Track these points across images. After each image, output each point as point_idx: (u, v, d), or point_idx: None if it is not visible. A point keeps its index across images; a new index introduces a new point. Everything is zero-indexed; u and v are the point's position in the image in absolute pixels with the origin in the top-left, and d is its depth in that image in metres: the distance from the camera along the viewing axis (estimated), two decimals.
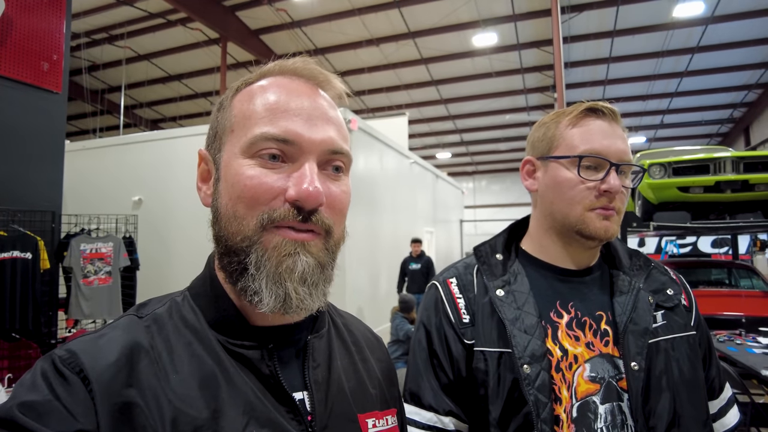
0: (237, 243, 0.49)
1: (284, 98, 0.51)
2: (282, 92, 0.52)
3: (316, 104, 0.52)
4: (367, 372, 0.62)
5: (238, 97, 0.54)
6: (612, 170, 0.77)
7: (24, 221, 3.02)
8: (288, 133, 0.49)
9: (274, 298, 0.48)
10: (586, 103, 0.82)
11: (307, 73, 0.55)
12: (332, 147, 0.51)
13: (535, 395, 0.72)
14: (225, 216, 0.51)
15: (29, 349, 2.96)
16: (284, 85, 0.53)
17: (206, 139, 0.57)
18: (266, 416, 0.48)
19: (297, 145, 0.50)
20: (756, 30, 9.69)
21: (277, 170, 0.50)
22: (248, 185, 0.49)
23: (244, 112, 0.52)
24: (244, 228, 0.49)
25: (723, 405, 0.84)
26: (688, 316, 0.83)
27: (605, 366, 0.75)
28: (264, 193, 0.49)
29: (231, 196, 0.50)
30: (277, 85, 0.53)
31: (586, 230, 0.78)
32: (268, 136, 0.49)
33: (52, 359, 0.44)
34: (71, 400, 0.42)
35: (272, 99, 0.51)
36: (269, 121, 0.50)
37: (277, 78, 0.54)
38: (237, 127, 0.52)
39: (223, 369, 0.49)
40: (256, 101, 0.52)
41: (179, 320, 0.52)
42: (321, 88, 0.55)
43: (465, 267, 0.88)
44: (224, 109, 0.55)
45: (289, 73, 0.55)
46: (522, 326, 0.76)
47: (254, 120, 0.51)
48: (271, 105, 0.51)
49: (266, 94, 0.52)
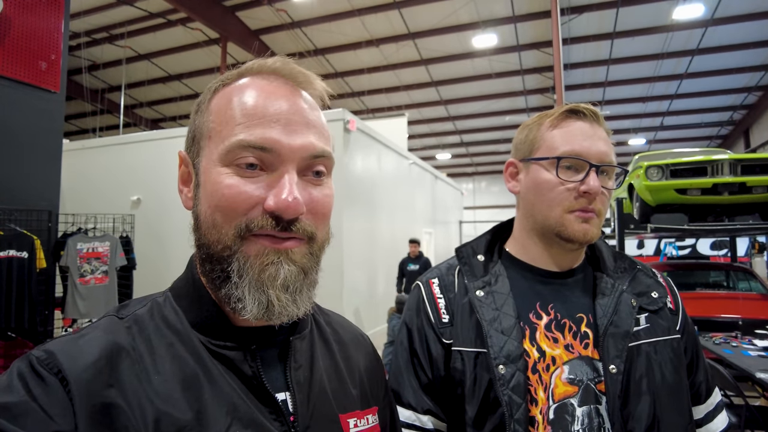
0: (218, 252, 0.49)
1: (262, 102, 0.49)
2: (260, 95, 0.50)
3: (296, 107, 0.51)
4: (349, 371, 0.62)
5: (216, 99, 0.52)
6: (592, 171, 0.76)
7: (21, 220, 3.03)
8: (266, 141, 0.48)
9: (257, 305, 0.48)
10: (568, 105, 0.81)
11: (286, 72, 0.53)
12: (312, 152, 0.50)
13: (509, 395, 0.72)
14: (205, 223, 0.50)
15: (25, 348, 2.97)
16: (262, 87, 0.51)
17: (185, 141, 0.56)
18: (249, 417, 0.48)
19: (275, 153, 0.48)
20: (756, 32, 9.69)
21: (255, 179, 0.48)
22: (226, 195, 0.48)
23: (221, 117, 0.50)
24: (223, 237, 0.48)
25: (710, 410, 0.83)
26: (674, 319, 0.82)
27: (584, 368, 0.75)
28: (242, 203, 0.48)
29: (210, 204, 0.49)
30: (255, 87, 0.51)
31: (564, 233, 0.78)
32: (245, 144, 0.47)
33: (29, 360, 0.43)
34: (48, 401, 0.41)
35: (250, 103, 0.49)
36: (246, 128, 0.48)
37: (255, 78, 0.52)
38: (214, 133, 0.50)
39: (206, 370, 0.49)
40: (233, 105, 0.50)
41: (161, 321, 0.51)
42: (302, 88, 0.53)
43: (447, 268, 0.89)
44: (201, 111, 0.53)
45: (268, 72, 0.52)
46: (499, 327, 0.76)
47: (231, 126, 0.49)
48: (249, 110, 0.49)
49: (243, 98, 0.50)
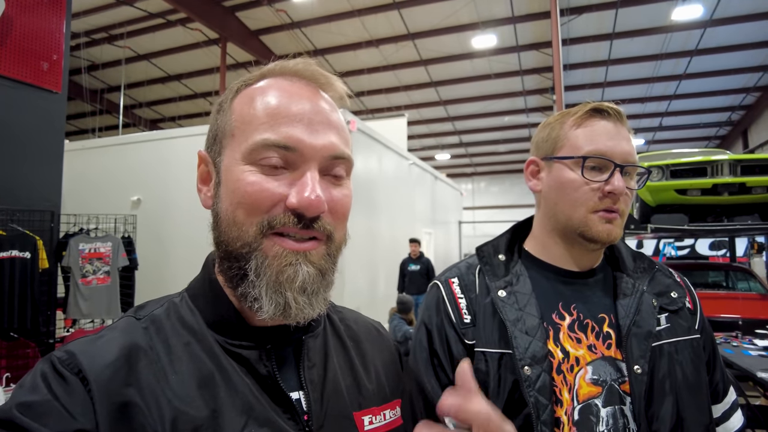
0: (237, 249, 0.49)
1: (285, 102, 0.50)
2: (283, 96, 0.51)
3: (318, 108, 0.51)
4: (365, 367, 0.62)
5: (238, 99, 0.53)
6: (616, 171, 0.76)
7: (23, 221, 3.02)
8: (289, 139, 0.48)
9: (273, 306, 0.48)
10: (592, 103, 0.80)
11: (308, 74, 0.53)
12: (334, 152, 0.51)
13: (536, 397, 0.71)
14: (225, 221, 0.50)
15: (27, 348, 2.96)
16: (285, 87, 0.52)
17: (206, 140, 0.56)
18: (264, 416, 0.48)
19: (298, 152, 0.49)
20: (754, 33, 9.71)
21: (278, 176, 0.49)
22: (248, 192, 0.48)
23: (244, 117, 0.51)
24: (243, 234, 0.49)
25: (727, 409, 0.83)
26: (693, 319, 0.82)
27: (607, 369, 0.75)
28: (264, 200, 0.48)
29: (231, 201, 0.50)
30: (278, 87, 0.52)
31: (588, 233, 0.77)
32: (270, 143, 0.48)
33: (51, 360, 0.45)
34: (70, 400, 0.42)
35: (273, 103, 0.50)
36: (270, 127, 0.49)
37: (278, 80, 0.53)
38: (237, 132, 0.51)
39: (222, 369, 0.49)
40: (256, 105, 0.51)
41: (177, 321, 0.52)
42: (322, 89, 0.54)
43: (467, 267, 0.87)
44: (224, 111, 0.54)
45: (290, 74, 0.53)
46: (523, 327, 0.75)
47: (255, 125, 0.50)
48: (272, 109, 0.50)
49: (267, 98, 0.51)
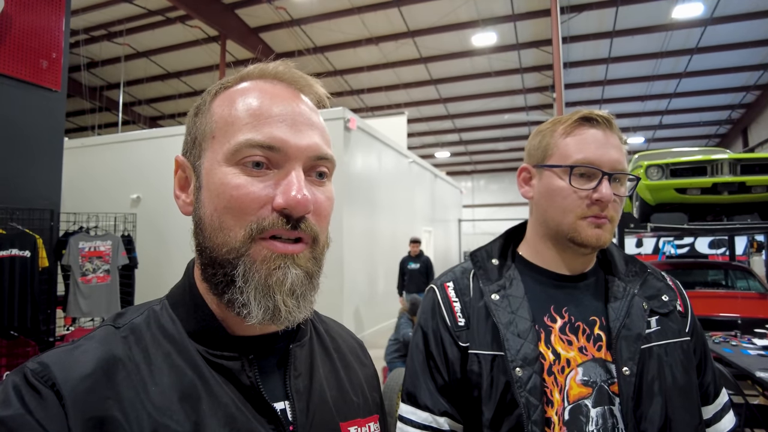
0: (223, 255, 0.48)
1: (267, 103, 0.49)
2: (264, 97, 0.50)
3: (300, 109, 0.51)
4: (350, 379, 0.62)
5: (218, 101, 0.52)
6: (604, 179, 0.78)
7: (23, 219, 3.02)
8: (273, 139, 0.48)
9: (263, 311, 0.47)
10: (582, 111, 0.83)
11: (288, 77, 0.53)
12: (317, 153, 0.50)
13: (527, 397, 0.73)
14: (210, 227, 0.49)
15: (27, 347, 2.97)
16: (266, 89, 0.51)
17: (183, 144, 0.55)
18: (247, 427, 0.47)
19: (282, 152, 0.48)
20: (755, 31, 9.71)
21: (262, 178, 0.48)
22: (234, 195, 0.47)
23: (225, 118, 0.50)
24: (231, 239, 0.47)
25: (718, 410, 0.85)
26: (683, 322, 0.84)
27: (597, 370, 0.77)
28: (251, 203, 0.47)
29: (216, 206, 0.48)
30: (259, 89, 0.51)
31: (578, 238, 0.79)
32: (253, 143, 0.47)
33: (24, 372, 0.43)
34: (44, 414, 0.40)
35: (255, 104, 0.49)
36: (253, 128, 0.48)
37: (258, 82, 0.52)
38: (218, 133, 0.50)
39: (204, 380, 0.48)
40: (237, 106, 0.50)
41: (158, 330, 0.50)
42: (302, 92, 0.54)
43: (462, 271, 0.90)
44: (203, 113, 0.52)
45: (270, 77, 0.53)
46: (515, 330, 0.78)
47: (237, 126, 0.49)
48: (254, 110, 0.49)
49: (248, 99, 0.50)
